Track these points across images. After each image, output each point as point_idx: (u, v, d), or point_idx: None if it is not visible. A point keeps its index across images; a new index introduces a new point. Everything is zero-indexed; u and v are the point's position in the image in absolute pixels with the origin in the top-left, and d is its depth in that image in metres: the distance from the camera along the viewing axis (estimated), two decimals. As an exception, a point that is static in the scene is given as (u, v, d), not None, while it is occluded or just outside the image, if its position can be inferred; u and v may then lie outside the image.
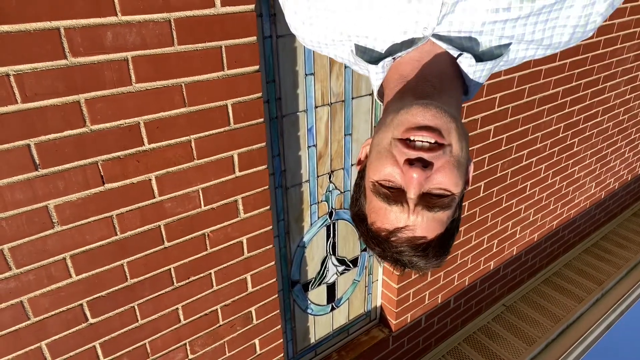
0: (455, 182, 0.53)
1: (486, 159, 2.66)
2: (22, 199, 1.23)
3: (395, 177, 0.54)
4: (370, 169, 0.57)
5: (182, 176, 1.49)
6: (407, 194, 0.53)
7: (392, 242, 0.56)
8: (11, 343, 1.36)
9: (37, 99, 1.17)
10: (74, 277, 1.40)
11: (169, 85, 1.36)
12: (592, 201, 3.99)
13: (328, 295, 2.49)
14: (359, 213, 0.61)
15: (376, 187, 0.56)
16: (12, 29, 1.08)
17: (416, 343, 3.01)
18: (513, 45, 0.60)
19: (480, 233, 2.95)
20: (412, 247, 0.56)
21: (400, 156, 0.52)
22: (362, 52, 0.63)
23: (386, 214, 0.55)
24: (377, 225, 0.57)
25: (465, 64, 0.59)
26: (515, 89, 2.56)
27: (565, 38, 0.59)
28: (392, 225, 0.55)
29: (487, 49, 0.59)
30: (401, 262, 0.58)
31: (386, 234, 0.56)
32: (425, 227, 0.55)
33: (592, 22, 0.58)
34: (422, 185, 0.52)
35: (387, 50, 0.61)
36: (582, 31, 0.59)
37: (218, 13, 1.37)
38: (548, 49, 0.62)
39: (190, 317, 1.73)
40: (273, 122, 1.85)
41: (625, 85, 3.49)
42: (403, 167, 0.52)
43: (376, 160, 0.55)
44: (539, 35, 0.59)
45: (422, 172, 0.51)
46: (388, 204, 0.54)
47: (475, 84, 0.63)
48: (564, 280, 3.87)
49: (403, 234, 0.55)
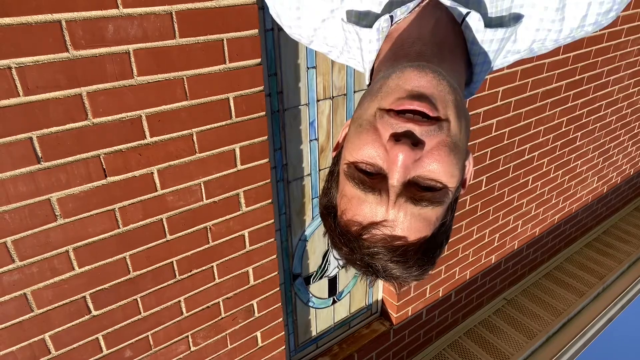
0: (450, 172, 0.43)
1: (488, 153, 2.65)
2: (25, 192, 1.24)
3: (375, 158, 0.43)
4: (346, 148, 0.46)
5: (184, 169, 1.49)
6: (389, 180, 0.43)
7: (364, 241, 0.45)
8: (15, 335, 1.37)
9: (39, 92, 1.17)
10: (77, 269, 1.41)
11: (170, 78, 1.35)
12: (594, 195, 3.98)
13: (329, 289, 2.49)
14: (328, 205, 0.50)
15: (351, 170, 0.45)
16: (13, 21, 1.08)
17: (417, 336, 3.03)
18: (525, 19, 0.51)
19: (481, 227, 2.95)
20: (389, 250, 0.44)
21: (384, 129, 0.42)
22: (356, 18, 0.53)
23: (360, 204, 0.45)
24: (347, 218, 0.46)
25: (472, 29, 0.49)
26: (518, 83, 2.55)
27: (581, 12, 0.50)
28: (365, 219, 0.45)
29: (498, 16, 0.50)
30: (373, 268, 0.46)
31: (357, 230, 0.45)
32: (408, 225, 0.44)
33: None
34: (409, 169, 0.42)
35: (384, 10, 0.52)
36: (598, 11, 0.50)
37: (220, 6, 1.36)
38: (561, 32, 0.52)
39: (192, 310, 1.74)
40: (275, 115, 1.85)
41: (628, 79, 3.47)
42: (387, 143, 0.42)
43: (354, 136, 0.45)
44: (553, 3, 0.49)
45: (410, 151, 0.41)
46: (363, 191, 0.44)
47: (482, 62, 0.52)
48: (565, 274, 3.87)
49: (378, 230, 0.44)
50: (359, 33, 0.52)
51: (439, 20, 0.50)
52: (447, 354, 3.15)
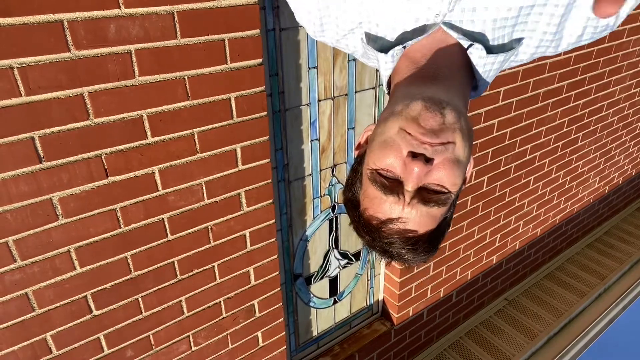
0: (453, 181, 0.54)
1: (490, 153, 2.65)
2: (27, 192, 1.24)
3: (395, 167, 0.54)
4: (371, 156, 0.57)
5: (185, 169, 1.49)
6: (405, 186, 0.53)
7: (383, 232, 0.56)
8: (17, 334, 1.37)
9: (41, 92, 1.17)
10: (79, 269, 1.41)
11: (172, 78, 1.35)
12: (595, 196, 3.98)
13: (330, 289, 2.49)
14: (352, 199, 0.61)
15: (374, 175, 0.55)
16: (15, 21, 1.08)
17: (418, 336, 3.02)
18: (525, 40, 0.59)
19: (482, 227, 2.95)
20: (402, 240, 0.56)
21: (405, 147, 0.52)
22: (373, 41, 0.62)
23: (380, 203, 0.55)
24: (369, 213, 0.57)
25: (475, 55, 0.58)
26: (519, 83, 2.55)
27: (577, 31, 0.59)
28: (385, 215, 0.55)
29: (499, 43, 0.59)
30: (389, 253, 0.58)
31: (377, 223, 0.56)
32: (418, 221, 0.55)
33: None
34: (421, 179, 0.52)
35: (398, 39, 0.60)
36: (594, 25, 0.58)
37: (221, 6, 1.36)
38: (560, 45, 0.61)
39: (193, 310, 1.74)
40: (276, 115, 1.85)
41: (630, 80, 3.46)
42: (406, 158, 0.52)
43: (379, 149, 0.55)
44: (552, 28, 0.58)
45: (423, 166, 0.51)
46: (384, 193, 0.54)
47: (485, 78, 0.62)
48: (567, 275, 3.87)
49: (395, 225, 0.55)
50: (377, 55, 0.62)
51: (448, 46, 0.59)
52: (448, 355, 3.14)
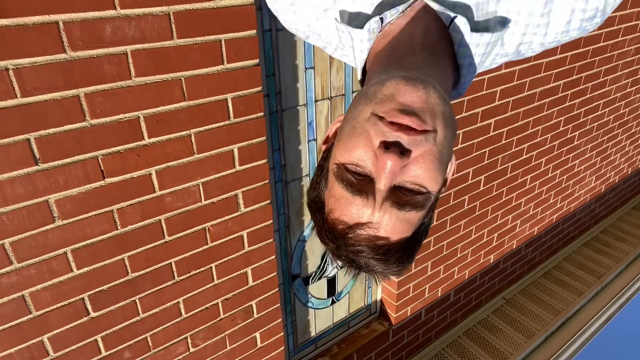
0: (434, 177, 0.46)
1: (486, 152, 2.65)
2: (23, 194, 1.24)
3: (365, 161, 0.46)
4: (338, 147, 0.48)
5: (182, 170, 1.49)
6: (376, 184, 0.45)
7: (350, 239, 0.48)
8: (13, 337, 1.36)
9: (37, 93, 1.17)
10: (75, 271, 1.41)
11: (168, 79, 1.35)
12: (592, 195, 3.99)
13: (328, 289, 2.49)
14: (316, 199, 0.52)
15: (340, 171, 0.47)
16: (10, 22, 1.08)
17: (416, 336, 3.03)
18: (511, 25, 0.54)
19: (480, 227, 2.96)
20: (372, 248, 0.47)
21: (376, 136, 0.45)
22: (348, 18, 0.56)
23: (347, 205, 0.47)
24: (334, 216, 0.49)
25: (459, 30, 0.51)
26: (515, 82, 2.56)
27: (565, 16, 0.52)
28: (352, 219, 0.47)
29: (484, 19, 0.53)
30: (356, 264, 0.49)
31: (344, 228, 0.48)
32: (391, 227, 0.47)
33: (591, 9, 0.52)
34: (396, 175, 0.45)
35: (375, 13, 0.54)
36: (582, 8, 0.53)
37: (217, 6, 1.36)
38: (546, 36, 0.55)
39: (191, 311, 1.74)
40: (273, 116, 1.85)
41: (626, 79, 3.48)
42: (377, 150, 0.44)
43: (347, 138, 0.47)
44: (539, 8, 0.52)
45: (398, 159, 0.43)
46: (351, 193, 0.46)
47: (468, 65, 0.55)
48: (564, 273, 3.88)
49: (364, 231, 0.47)
50: (351, 33, 0.55)
51: (429, 24, 0.53)
52: (446, 354, 3.15)
